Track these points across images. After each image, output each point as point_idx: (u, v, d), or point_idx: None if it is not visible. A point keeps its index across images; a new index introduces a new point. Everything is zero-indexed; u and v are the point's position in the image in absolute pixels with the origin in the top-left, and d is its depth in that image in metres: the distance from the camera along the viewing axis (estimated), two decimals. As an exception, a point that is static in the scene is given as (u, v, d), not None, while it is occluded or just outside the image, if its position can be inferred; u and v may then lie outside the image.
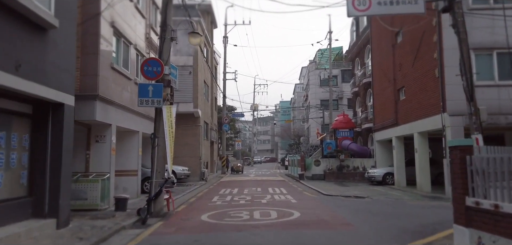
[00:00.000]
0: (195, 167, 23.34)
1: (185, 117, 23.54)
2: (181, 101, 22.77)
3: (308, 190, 17.24)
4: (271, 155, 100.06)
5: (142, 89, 10.10)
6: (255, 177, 27.77)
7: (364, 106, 28.06)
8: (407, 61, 17.41)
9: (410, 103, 17.23)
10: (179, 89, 22.90)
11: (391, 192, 15.97)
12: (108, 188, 11.18)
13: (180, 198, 14.63)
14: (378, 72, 22.16)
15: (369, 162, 23.68)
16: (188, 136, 23.54)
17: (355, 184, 20.70)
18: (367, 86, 26.94)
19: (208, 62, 28.48)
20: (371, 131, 25.79)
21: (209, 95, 28.70)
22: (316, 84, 44.10)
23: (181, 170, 21.34)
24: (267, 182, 23.03)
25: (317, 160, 24.39)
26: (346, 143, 26.71)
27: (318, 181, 22.36)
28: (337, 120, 28.67)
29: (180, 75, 22.73)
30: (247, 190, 17.12)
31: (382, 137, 21.70)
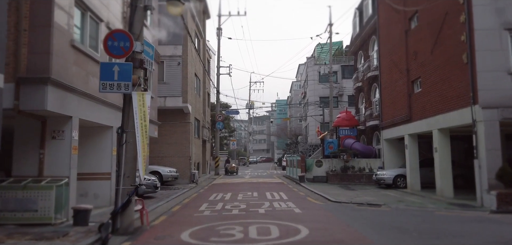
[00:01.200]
0: (184, 168, 21.09)
1: (173, 113, 21.29)
2: (169, 95, 20.53)
3: (311, 195, 15.05)
4: (267, 155, 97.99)
5: (104, 70, 7.83)
6: (250, 179, 25.56)
7: (369, 103, 25.92)
8: (424, 48, 15.28)
9: (427, 95, 15.10)
10: (166, 81, 20.68)
11: (408, 198, 13.82)
12: (66, 196, 8.90)
13: (162, 205, 12.39)
14: (387, 63, 20.03)
15: (376, 162, 21.57)
16: (177, 134, 21.28)
17: (362, 188, 18.56)
18: (372, 80, 24.82)
19: (200, 54, 26.21)
20: (377, 128, 23.68)
21: (201, 90, 26.45)
22: (315, 80, 41.96)
23: (167, 172, 19.10)
24: (264, 185, 20.83)
25: (319, 160, 22.23)
26: (349, 142, 24.58)
27: (321, 184, 20.19)
28: (339, 118, 26.52)
29: (168, 67, 20.48)
30: (242, 195, 14.91)
31: (392, 135, 19.58)
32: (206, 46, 29.40)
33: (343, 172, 21.02)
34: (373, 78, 24.55)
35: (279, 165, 50.92)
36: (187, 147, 21.22)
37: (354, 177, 20.69)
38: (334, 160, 22.18)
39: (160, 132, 20.78)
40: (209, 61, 31.59)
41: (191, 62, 21.75)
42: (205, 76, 28.57)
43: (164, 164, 20.81)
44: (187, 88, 20.66)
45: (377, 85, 24.07)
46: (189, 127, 21.38)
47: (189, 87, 21.09)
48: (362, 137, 27.59)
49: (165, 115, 21.14)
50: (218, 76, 32.32)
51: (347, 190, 17.01)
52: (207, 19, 30.62)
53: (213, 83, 31.73)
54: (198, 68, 24.87)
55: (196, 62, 24.16)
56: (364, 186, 19.30)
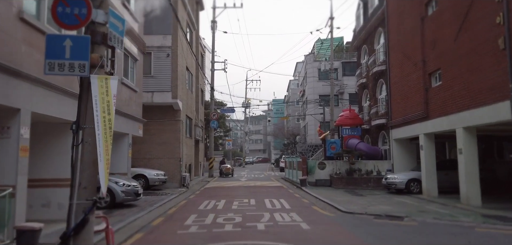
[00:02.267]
0: (174, 170, 19.11)
1: (162, 110, 19.30)
2: (157, 90, 18.54)
3: (317, 203, 13.13)
4: (263, 155, 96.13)
5: (52, 45, 5.80)
6: (247, 182, 23.61)
7: (374, 100, 24.06)
8: (446, 36, 13.42)
9: (449, 89, 13.23)
10: (154, 75, 18.68)
11: (430, 207, 11.94)
12: (10, 211, 6.92)
13: (142, 217, 10.42)
14: (397, 56, 18.17)
15: (384, 165, 19.71)
16: (166, 133, 19.30)
17: (370, 193, 16.69)
18: (378, 76, 22.97)
19: (193, 47, 24.23)
20: (384, 127, 21.85)
21: (194, 85, 24.47)
22: (315, 77, 40.08)
23: (154, 175, 17.12)
24: (262, 189, 18.90)
25: (321, 162, 20.33)
26: (353, 142, 22.71)
27: (325, 189, 18.28)
28: (342, 116, 24.64)
29: (156, 59, 18.49)
30: (237, 203, 12.96)
31: (403, 135, 17.73)
32: (199, 40, 27.42)
33: (348, 176, 19.12)
34: (379, 74, 22.71)
35: (277, 166, 49.03)
36: (177, 147, 19.24)
37: (361, 181, 18.80)
38: (338, 162, 20.29)
39: (146, 131, 18.81)
40: (202, 56, 29.61)
41: (181, 54, 19.78)
42: (198, 72, 26.59)
43: (152, 166, 18.83)
44: (177, 83, 18.68)
45: (383, 81, 22.26)
46: (180, 126, 19.41)
47: (179, 81, 19.11)
48: (366, 137, 25.73)
49: (152, 112, 19.16)
50: (213, 72, 30.35)
51: (355, 197, 15.12)
52: (201, 11, 28.65)
53: (207, 79, 29.74)
54: (190, 62, 22.90)
55: (188, 55, 22.18)
56: (373, 191, 17.43)
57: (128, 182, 12.10)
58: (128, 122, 13.85)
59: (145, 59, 18.43)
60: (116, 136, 13.50)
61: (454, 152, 19.06)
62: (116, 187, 11.68)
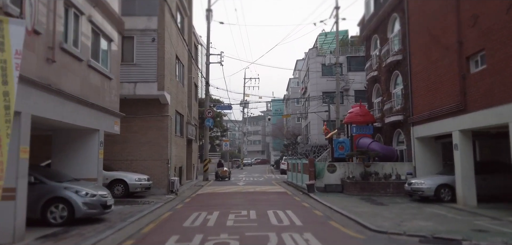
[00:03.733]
0: (161, 174, 16.43)
1: (147, 104, 16.64)
2: (140, 80, 15.87)
3: (335, 217, 10.46)
4: (262, 156, 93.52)
5: None
6: (245, 187, 20.94)
7: (387, 94, 21.46)
8: (493, 7, 10.82)
9: (498, 74, 10.62)
10: (137, 63, 16.01)
11: (480, 222, 9.31)
12: None
13: (106, 239, 7.77)
14: (422, 40, 15.57)
15: (403, 167, 17.09)
16: (151, 130, 16.62)
17: (391, 200, 14.08)
18: (393, 67, 20.38)
19: (184, 35, 21.58)
20: (401, 125, 19.28)
21: (185, 78, 21.78)
22: (318, 73, 37.46)
23: (135, 180, 14.45)
24: (263, 196, 16.24)
25: (331, 164, 17.67)
26: (365, 141, 20.09)
27: (336, 196, 15.65)
28: (352, 113, 22.02)
29: (139, 44, 15.85)
30: (234, 217, 10.30)
31: (428, 132, 15.12)
32: (192, 29, 24.75)
33: (363, 180, 16.48)
34: (394, 64, 20.11)
35: (277, 168, 46.40)
36: (165, 147, 16.56)
37: (378, 186, 16.15)
38: (351, 164, 17.66)
39: (128, 128, 16.15)
40: (196, 48, 26.95)
41: (170, 39, 17.11)
42: (191, 64, 23.92)
43: (134, 170, 16.17)
44: (164, 72, 16.00)
45: (399, 73, 19.69)
46: (168, 122, 16.73)
47: (167, 71, 16.44)
48: (377, 136, 23.13)
49: (135, 106, 16.51)
50: (208, 65, 27.66)
51: (377, 206, 12.49)
52: (195, -2, 25.99)
53: (201, 72, 27.04)
54: (181, 51, 20.23)
55: (179, 43, 19.52)
56: (393, 199, 14.81)
57: (94, 191, 9.41)
58: (98, 116, 11.17)
59: (126, 45, 15.79)
60: (81, 133, 10.81)
61: (487, 152, 16.48)
62: (76, 197, 9.00)
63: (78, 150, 11.09)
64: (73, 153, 11.07)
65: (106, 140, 16.18)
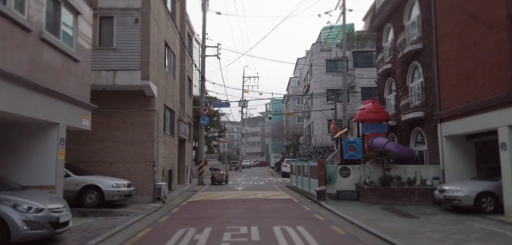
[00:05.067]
0: (145, 179, 13.97)
1: (129, 96, 14.20)
2: (121, 68, 13.43)
3: (364, 237, 7.99)
4: (261, 158, 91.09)
5: None
6: (245, 193, 18.48)
7: (403, 89, 19.09)
8: None
9: None
10: (117, 47, 13.54)
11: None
12: None
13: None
14: (454, 20, 13.20)
15: (428, 171, 14.70)
16: (134, 127, 14.17)
17: (420, 210, 11.68)
18: (411, 58, 18.05)
19: (176, 21, 19.15)
20: (420, 122, 16.95)
21: (177, 70, 19.32)
22: (322, 68, 35.09)
23: (112, 186, 12.01)
24: (266, 204, 13.79)
25: (345, 167, 15.23)
26: (380, 141, 17.69)
27: (353, 205, 13.23)
28: (364, 110, 19.60)
29: (120, 25, 13.43)
30: (230, 239, 7.84)
31: (463, 129, 12.73)
32: (186, 17, 22.32)
33: (384, 186, 14.04)
34: (412, 55, 17.77)
35: (277, 170, 43.92)
36: (150, 147, 14.11)
37: (401, 193, 13.71)
38: (367, 167, 15.24)
39: (107, 124, 13.74)
40: (191, 38, 24.51)
41: (157, 22, 14.68)
42: (184, 55, 21.47)
43: (114, 173, 13.73)
44: (149, 59, 13.55)
45: (419, 63, 17.38)
46: (154, 118, 14.28)
47: (153, 58, 14.00)
48: (391, 135, 20.76)
49: (116, 99, 14.09)
50: (203, 59, 25.24)
51: (407, 220, 10.08)
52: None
53: (196, 65, 24.59)
54: (171, 38, 17.80)
55: (169, 29, 17.09)
56: (420, 208, 12.40)
57: (40, 204, 6.96)
58: (57, 106, 8.73)
59: (104, 26, 13.38)
60: (35, 128, 8.37)
61: None
62: (13, 214, 6.54)
63: (30, 149, 8.64)
64: (24, 153, 8.62)
65: (79, 139, 13.79)
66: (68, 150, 13.86)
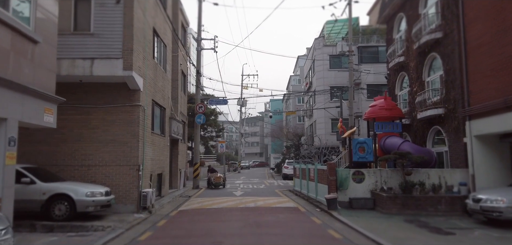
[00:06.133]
0: (129, 185, 12.05)
1: (110, 89, 12.28)
2: (99, 56, 11.50)
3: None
4: (260, 159, 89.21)
5: None
6: (244, 199, 16.56)
7: (419, 84, 17.24)
8: None
9: None
10: (95, 32, 11.54)
11: None
12: None
13: None
14: (488, 2, 11.33)
15: (453, 175, 12.80)
16: (115, 125, 12.25)
17: (448, 222, 9.84)
18: (428, 48, 16.20)
19: (167, 9, 17.23)
20: (439, 121, 15.11)
21: (168, 62, 17.39)
22: (325, 65, 33.21)
23: (86, 194, 10.10)
24: (270, 216, 11.86)
25: (358, 171, 13.31)
26: (395, 141, 15.84)
27: (370, 215, 11.34)
28: (375, 107, 17.71)
29: (98, 6, 11.49)
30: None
31: (501, 128, 10.85)
32: (179, 5, 20.40)
33: (405, 193, 12.13)
34: (430, 45, 15.91)
35: (277, 172, 42.04)
36: (135, 148, 12.18)
37: (425, 203, 11.80)
38: (384, 172, 13.33)
39: (83, 121, 11.86)
40: (185, 30, 22.60)
41: (142, 2, 12.76)
42: (177, 47, 19.54)
43: (92, 178, 11.82)
44: (132, 45, 11.63)
45: (437, 55, 15.54)
46: (139, 114, 12.36)
47: (137, 45, 12.08)
48: (404, 134, 18.89)
49: (95, 93, 12.18)
50: (199, 52, 23.35)
51: (440, 236, 8.22)
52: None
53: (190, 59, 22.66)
54: (162, 27, 15.88)
55: (158, 14, 15.17)
56: (450, 220, 10.54)
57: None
58: (3, 96, 6.82)
59: (80, 7, 11.49)
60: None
61: None
62: None
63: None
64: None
65: (51, 138, 11.84)
66: (37, 152, 11.98)
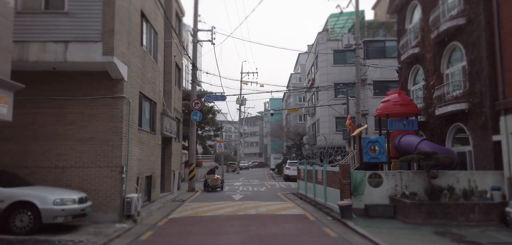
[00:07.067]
0: (110, 190, 10.34)
1: (88, 79, 10.58)
2: (74, 39, 9.80)
3: None
4: (259, 159, 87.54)
5: None
6: (244, 204, 14.87)
7: (437, 77, 15.60)
8: None
9: None
10: (69, 11, 9.79)
11: None
12: None
13: None
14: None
15: (484, 178, 11.11)
16: (95, 121, 10.54)
17: (486, 235, 8.22)
18: (449, 37, 14.55)
19: (159, -8, 15.51)
20: (462, 117, 13.48)
21: (160, 52, 15.67)
22: (329, 61, 31.55)
23: (54, 203, 8.41)
24: (274, 227, 10.15)
25: (375, 174, 11.61)
26: (412, 140, 14.21)
27: (392, 226, 9.65)
28: (388, 102, 16.03)
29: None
30: None
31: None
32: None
33: (431, 199, 10.45)
34: (451, 33, 14.26)
35: (278, 173, 40.36)
36: (118, 147, 10.48)
37: (456, 210, 10.12)
38: (405, 174, 11.63)
39: (59, 117, 10.17)
40: (180, 19, 20.89)
41: (128, -20, 11.06)
42: (171, 37, 17.84)
43: (67, 182, 10.13)
44: (113, 26, 9.93)
45: (459, 44, 13.90)
46: (122, 108, 10.65)
47: (120, 27, 10.38)
48: (419, 133, 17.20)
49: (70, 82, 10.49)
50: (195, 44, 21.65)
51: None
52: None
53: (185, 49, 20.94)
54: (152, 10, 14.19)
55: (148, -3, 13.47)
56: (486, 231, 8.90)
57: None
58: None
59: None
60: None
61: None
62: None
63: None
64: None
65: (21, 136, 10.08)
66: (3, 151, 10.24)
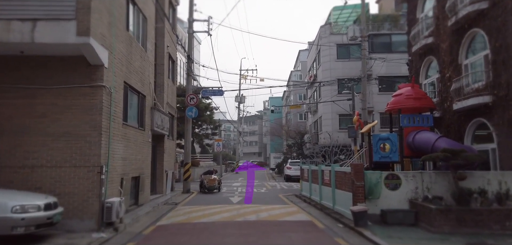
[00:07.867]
0: (87, 193, 8.89)
1: (62, 65, 9.14)
2: (44, 17, 8.35)
3: None
4: (259, 158, 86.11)
5: None
6: (243, 209, 13.40)
7: (454, 68, 14.21)
8: None
9: None
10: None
11: None
12: None
13: None
14: None
15: (514, 179, 9.71)
16: (70, 113, 9.09)
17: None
18: (469, 23, 13.17)
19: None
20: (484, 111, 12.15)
21: (149, 39, 14.18)
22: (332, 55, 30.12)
23: (12, 210, 6.92)
24: (278, 237, 8.68)
25: (393, 175, 10.17)
26: (428, 137, 12.79)
27: (414, 235, 8.22)
28: (400, 96, 14.60)
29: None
30: None
31: None
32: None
33: (460, 205, 9.02)
34: (472, 19, 12.89)
35: (278, 173, 38.94)
36: (97, 144, 9.02)
37: (489, 217, 8.69)
38: (426, 175, 10.20)
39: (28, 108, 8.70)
40: (174, 9, 19.41)
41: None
42: (163, 25, 16.37)
43: (36, 183, 8.71)
44: (90, 2, 8.46)
45: (481, 30, 12.53)
46: (102, 98, 9.18)
47: (97, 2, 8.91)
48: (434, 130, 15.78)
49: (40, 68, 9.04)
50: (190, 35, 20.22)
51: None
52: None
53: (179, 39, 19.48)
54: (141, -6, 12.72)
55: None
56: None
57: None
58: None
59: None
60: None
61: None
62: None
63: None
64: None
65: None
66: (-41, 148, 8.86)
